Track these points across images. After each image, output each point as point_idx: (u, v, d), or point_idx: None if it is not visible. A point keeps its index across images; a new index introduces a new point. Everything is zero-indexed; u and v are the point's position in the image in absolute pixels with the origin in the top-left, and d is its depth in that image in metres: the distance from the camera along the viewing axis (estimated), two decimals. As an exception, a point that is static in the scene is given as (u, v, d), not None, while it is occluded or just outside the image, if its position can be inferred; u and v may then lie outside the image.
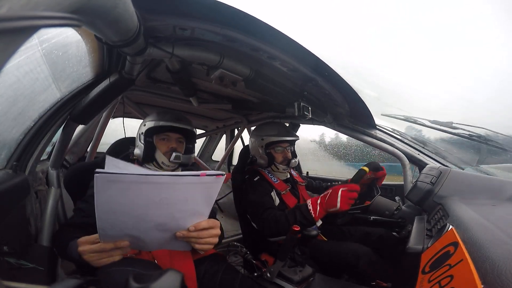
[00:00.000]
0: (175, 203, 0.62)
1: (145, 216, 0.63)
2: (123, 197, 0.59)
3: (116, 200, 0.58)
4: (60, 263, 0.89)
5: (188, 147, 1.22)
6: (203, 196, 0.64)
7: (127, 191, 0.58)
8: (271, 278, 1.13)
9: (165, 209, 0.63)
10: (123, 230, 0.65)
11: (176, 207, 0.64)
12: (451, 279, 0.47)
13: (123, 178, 0.55)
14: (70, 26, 0.63)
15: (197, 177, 0.59)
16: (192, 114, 2.16)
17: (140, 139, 1.16)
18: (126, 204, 0.60)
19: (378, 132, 1.62)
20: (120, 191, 0.57)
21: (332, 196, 1.11)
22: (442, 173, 1.14)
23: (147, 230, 0.66)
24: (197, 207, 0.66)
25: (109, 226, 0.63)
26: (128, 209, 0.61)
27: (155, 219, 0.64)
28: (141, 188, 0.58)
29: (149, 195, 0.59)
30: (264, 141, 1.46)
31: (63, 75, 0.94)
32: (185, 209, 0.65)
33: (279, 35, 0.82)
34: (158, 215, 0.63)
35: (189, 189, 0.61)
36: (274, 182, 1.45)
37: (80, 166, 1.24)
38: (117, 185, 0.56)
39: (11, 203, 0.74)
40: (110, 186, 0.56)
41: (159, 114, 1.17)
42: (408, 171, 1.51)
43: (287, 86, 1.23)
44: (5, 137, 0.83)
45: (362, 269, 1.12)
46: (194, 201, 0.64)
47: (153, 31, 0.77)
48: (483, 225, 0.62)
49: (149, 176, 0.58)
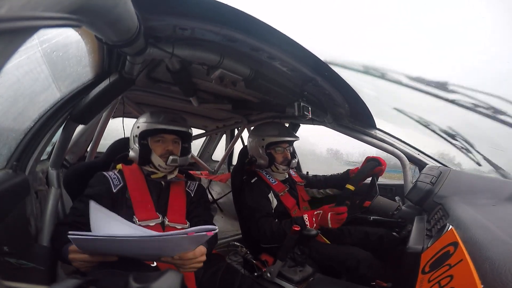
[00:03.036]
0: (159, 248, 0.68)
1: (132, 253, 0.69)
2: (105, 247, 0.65)
3: (99, 247, 0.65)
4: (60, 263, 0.89)
5: (184, 148, 1.20)
6: (190, 244, 0.69)
7: (107, 245, 0.64)
8: (271, 278, 1.13)
9: (150, 250, 0.68)
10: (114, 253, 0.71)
11: (161, 249, 0.69)
12: (451, 279, 0.47)
13: (97, 239, 0.62)
14: (70, 26, 0.63)
15: (184, 235, 0.62)
16: (192, 114, 2.16)
17: (134, 141, 1.12)
18: (110, 250, 0.66)
19: (378, 132, 1.62)
20: (100, 245, 0.64)
21: (323, 217, 1.20)
22: (442, 173, 1.14)
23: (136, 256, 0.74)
24: (184, 249, 0.70)
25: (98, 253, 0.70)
26: (113, 251, 0.67)
27: (141, 254, 0.71)
28: (120, 243, 0.63)
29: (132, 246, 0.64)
30: (265, 141, 1.45)
31: (63, 75, 0.94)
32: (171, 249, 0.69)
33: (279, 35, 0.82)
34: (143, 252, 0.70)
35: (174, 242, 0.66)
36: (272, 184, 1.44)
37: (79, 166, 1.23)
38: (94, 242, 0.62)
39: (11, 203, 0.74)
40: (87, 243, 0.63)
41: (152, 115, 1.13)
42: (408, 171, 1.51)
43: (287, 86, 1.23)
44: (5, 137, 0.83)
45: (362, 273, 1.12)
46: (181, 247, 0.69)
47: (153, 31, 0.77)
48: (483, 225, 0.62)
49: (124, 239, 0.61)
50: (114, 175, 1.05)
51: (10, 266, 0.62)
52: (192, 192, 1.18)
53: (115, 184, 1.02)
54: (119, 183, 1.03)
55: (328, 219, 1.18)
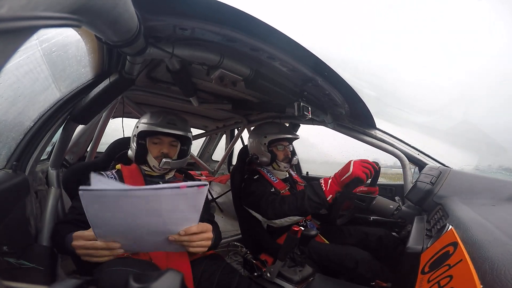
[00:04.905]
0: (161, 212, 0.65)
1: (136, 223, 0.66)
2: (111, 209, 0.62)
3: (105, 212, 0.62)
4: (60, 263, 0.89)
5: (182, 150, 1.19)
6: (188, 205, 0.67)
7: (113, 204, 0.61)
8: (271, 278, 1.13)
9: (154, 217, 0.66)
10: (118, 232, 0.68)
11: (165, 215, 0.66)
12: (451, 279, 0.47)
13: (106, 193, 0.59)
14: (70, 26, 0.63)
15: (177, 189, 0.61)
16: (192, 114, 2.16)
17: (133, 140, 1.14)
18: (115, 214, 0.63)
19: (378, 132, 1.62)
20: (106, 205, 0.61)
21: (346, 166, 1.09)
22: (442, 173, 1.14)
23: (140, 234, 0.69)
24: (185, 214, 0.69)
25: (103, 230, 0.67)
26: (118, 218, 0.64)
27: (146, 226, 0.67)
28: (125, 201, 0.61)
29: (135, 206, 0.62)
30: (267, 138, 1.48)
31: (63, 75, 0.94)
32: (173, 217, 0.68)
33: (279, 35, 0.82)
34: (148, 222, 0.66)
35: (172, 200, 0.64)
36: (273, 182, 1.45)
37: (78, 166, 1.23)
38: (102, 200, 0.59)
39: (11, 203, 0.74)
40: (96, 201, 0.59)
41: (152, 116, 1.13)
42: (408, 171, 1.51)
43: (287, 86, 1.23)
44: (5, 137, 0.83)
45: (360, 274, 1.12)
46: (180, 210, 0.67)
47: (153, 31, 0.77)
48: (483, 225, 0.62)
49: (129, 191, 0.60)
50: (111, 175, 1.05)
51: (10, 266, 0.62)
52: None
53: None
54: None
55: (351, 164, 1.06)
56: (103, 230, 0.67)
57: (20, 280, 0.47)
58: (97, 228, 0.66)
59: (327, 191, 1.10)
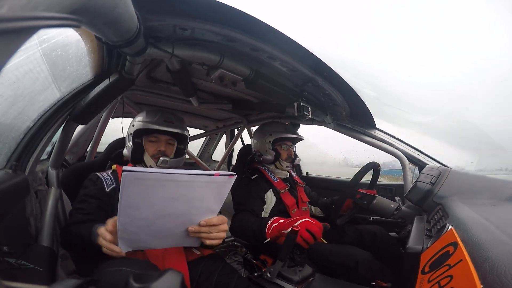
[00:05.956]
0: (192, 199, 0.67)
1: (164, 211, 0.67)
2: (147, 193, 0.62)
3: (140, 196, 0.62)
4: (59, 263, 0.89)
5: (179, 149, 1.18)
6: (215, 194, 0.69)
7: (151, 188, 0.62)
8: (271, 278, 1.13)
9: (183, 205, 0.67)
10: (140, 227, 0.68)
11: (192, 204, 0.68)
12: (451, 279, 0.47)
13: (148, 176, 0.60)
14: (70, 26, 0.63)
15: (211, 176, 0.64)
16: (192, 114, 2.16)
17: (129, 139, 1.12)
18: (148, 199, 0.63)
19: (378, 132, 1.62)
20: (144, 188, 0.61)
21: (293, 221, 1.03)
22: (442, 173, 1.14)
23: (163, 225, 0.70)
24: (210, 204, 0.71)
25: (129, 221, 0.66)
26: (149, 204, 0.64)
27: (173, 214, 0.68)
28: (163, 185, 0.62)
29: (170, 191, 0.63)
30: (273, 136, 1.49)
31: (63, 75, 0.94)
32: (200, 206, 0.69)
33: (279, 35, 0.82)
34: (176, 210, 0.67)
35: (204, 187, 0.66)
36: (274, 181, 1.45)
37: (77, 166, 1.23)
38: (142, 182, 0.60)
39: (11, 203, 0.74)
40: (136, 183, 0.60)
41: (148, 114, 1.12)
42: (408, 171, 1.51)
43: (287, 86, 1.23)
44: (5, 137, 0.83)
45: (361, 274, 1.12)
46: (208, 199, 0.69)
47: (153, 31, 0.77)
48: (483, 225, 0.62)
49: (170, 174, 0.62)
50: (108, 176, 1.04)
51: (10, 266, 0.62)
52: None
53: (108, 184, 1.01)
54: (112, 184, 1.02)
55: (298, 221, 1.00)
56: (129, 219, 0.66)
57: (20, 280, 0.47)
58: (124, 216, 0.65)
59: (267, 233, 1.10)
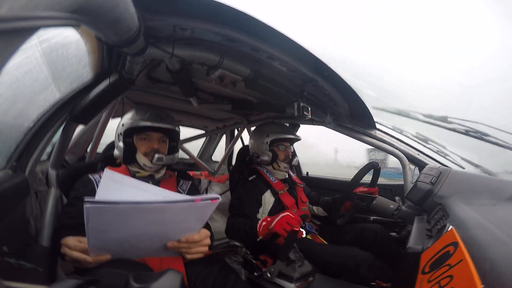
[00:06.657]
0: (167, 223, 0.63)
1: (137, 233, 0.64)
2: (115, 221, 0.59)
3: (108, 224, 0.59)
4: (60, 263, 0.89)
5: (172, 146, 1.15)
6: (197, 217, 0.66)
7: (119, 217, 0.58)
8: (272, 278, 1.13)
9: (158, 227, 0.64)
10: (114, 244, 0.66)
11: (169, 226, 0.65)
12: (451, 279, 0.47)
13: (114, 207, 0.55)
14: (70, 26, 0.63)
15: (191, 203, 0.59)
16: (192, 114, 2.16)
17: (119, 139, 1.09)
18: (117, 226, 0.60)
19: (378, 132, 1.62)
20: (111, 217, 0.58)
21: (275, 217, 1.10)
22: (442, 173, 1.14)
23: (137, 243, 0.67)
24: (190, 224, 0.67)
25: (99, 242, 0.64)
26: (120, 229, 0.61)
27: (147, 235, 0.65)
28: (133, 214, 0.58)
29: (143, 218, 0.60)
30: (270, 137, 1.48)
31: (63, 75, 0.94)
32: (178, 227, 0.66)
33: (279, 35, 0.82)
34: (150, 231, 0.64)
35: (183, 212, 0.62)
36: (272, 182, 1.45)
37: (74, 167, 1.22)
38: (108, 213, 0.57)
39: (11, 203, 0.74)
40: (101, 214, 0.56)
41: (138, 111, 1.10)
42: (408, 171, 1.51)
43: (287, 86, 1.23)
44: (5, 137, 0.83)
45: (362, 275, 1.11)
46: (187, 221, 0.66)
47: (153, 31, 0.77)
48: (483, 225, 0.62)
49: (142, 204, 0.57)
50: (99, 178, 1.02)
51: (10, 266, 0.62)
52: (184, 192, 1.15)
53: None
54: None
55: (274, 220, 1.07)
56: (99, 241, 0.64)
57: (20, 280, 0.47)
58: (94, 239, 0.63)
59: (259, 232, 1.14)
